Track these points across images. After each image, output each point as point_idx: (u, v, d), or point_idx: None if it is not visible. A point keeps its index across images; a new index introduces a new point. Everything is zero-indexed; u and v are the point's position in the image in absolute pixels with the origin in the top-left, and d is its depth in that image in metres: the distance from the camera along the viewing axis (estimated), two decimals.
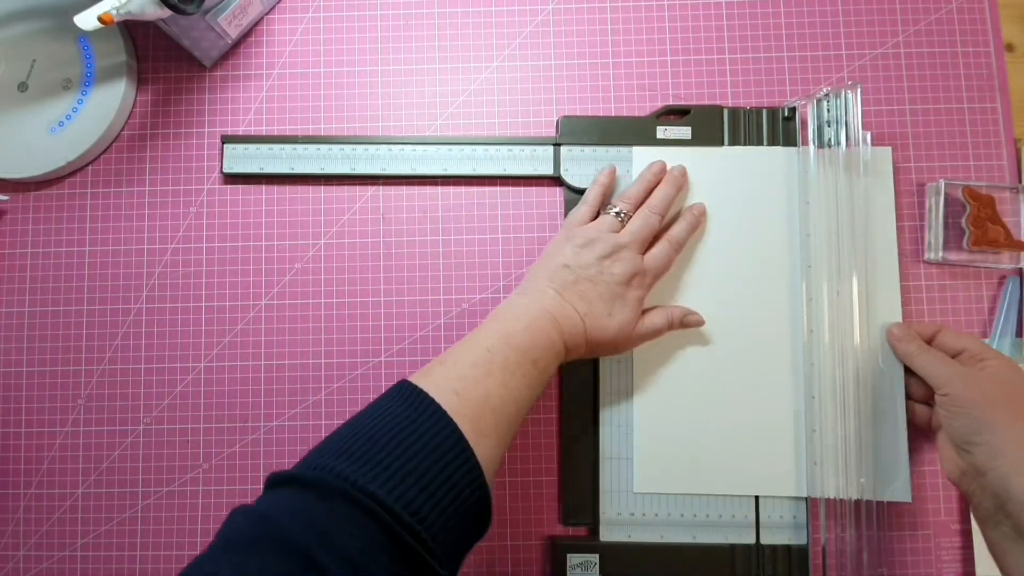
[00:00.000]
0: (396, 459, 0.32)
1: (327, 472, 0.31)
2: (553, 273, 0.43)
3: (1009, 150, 0.51)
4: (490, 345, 0.38)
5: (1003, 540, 0.38)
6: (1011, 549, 0.37)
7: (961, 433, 0.40)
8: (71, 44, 0.51)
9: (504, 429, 0.36)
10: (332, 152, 0.50)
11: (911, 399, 0.46)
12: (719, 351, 0.48)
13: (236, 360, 0.50)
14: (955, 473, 0.41)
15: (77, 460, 0.49)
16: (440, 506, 0.31)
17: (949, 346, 0.44)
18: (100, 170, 0.52)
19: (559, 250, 0.44)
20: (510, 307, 0.42)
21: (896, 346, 0.45)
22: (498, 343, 0.38)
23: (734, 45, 0.52)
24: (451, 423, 0.34)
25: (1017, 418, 0.39)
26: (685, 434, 0.47)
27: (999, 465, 0.38)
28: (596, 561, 0.46)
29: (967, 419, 0.40)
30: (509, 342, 0.39)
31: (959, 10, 0.52)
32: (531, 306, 0.41)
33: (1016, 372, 0.41)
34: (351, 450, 0.32)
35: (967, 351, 0.43)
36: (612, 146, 0.50)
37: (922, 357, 0.44)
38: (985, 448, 0.39)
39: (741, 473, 0.47)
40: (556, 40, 0.53)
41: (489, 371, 0.37)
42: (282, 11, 0.53)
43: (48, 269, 0.51)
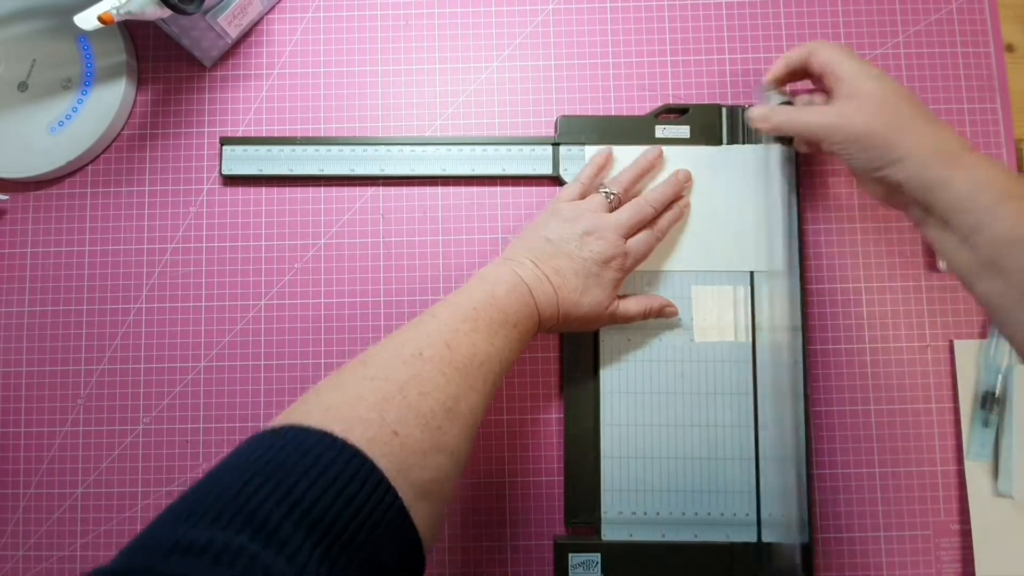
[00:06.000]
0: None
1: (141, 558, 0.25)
2: (534, 244, 0.44)
3: (1009, 150, 0.51)
4: (476, 304, 0.39)
5: (936, 233, 0.39)
6: (943, 239, 0.38)
7: (868, 167, 0.40)
8: (71, 44, 0.51)
9: (489, 386, 0.37)
10: (331, 153, 0.50)
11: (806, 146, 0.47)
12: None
13: (236, 360, 0.50)
14: (879, 196, 0.42)
15: (77, 460, 0.49)
16: None
17: (818, 69, 0.43)
18: (100, 170, 0.52)
19: (545, 223, 0.45)
20: (492, 272, 0.42)
21: (762, 126, 0.45)
22: (483, 304, 0.39)
23: (733, 45, 0.52)
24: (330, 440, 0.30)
25: (906, 125, 0.39)
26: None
27: (910, 172, 0.38)
28: (597, 560, 0.46)
29: (864, 153, 0.40)
30: (493, 304, 0.39)
31: (959, 11, 0.52)
32: (510, 274, 0.42)
33: (876, 83, 0.40)
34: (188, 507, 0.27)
35: (826, 72, 0.42)
36: (611, 145, 0.50)
37: (794, 122, 0.43)
38: (893, 167, 0.39)
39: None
40: (556, 40, 0.53)
41: (476, 327, 0.38)
42: (282, 11, 0.53)
43: (48, 269, 0.51)
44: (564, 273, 0.43)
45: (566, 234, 0.44)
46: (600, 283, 0.43)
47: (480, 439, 0.49)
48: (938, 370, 0.49)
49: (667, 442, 0.47)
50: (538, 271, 0.42)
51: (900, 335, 0.49)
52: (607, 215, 0.45)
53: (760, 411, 0.48)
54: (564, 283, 0.42)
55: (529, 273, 0.42)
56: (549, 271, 0.42)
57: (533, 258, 0.43)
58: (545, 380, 0.49)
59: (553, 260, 0.43)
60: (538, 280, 0.42)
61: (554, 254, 0.43)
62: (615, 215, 0.45)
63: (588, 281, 0.43)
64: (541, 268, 0.42)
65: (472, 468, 0.48)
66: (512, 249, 0.45)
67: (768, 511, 0.47)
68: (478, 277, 0.42)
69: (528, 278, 0.42)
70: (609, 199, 0.46)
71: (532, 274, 0.42)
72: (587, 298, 0.43)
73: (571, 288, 0.43)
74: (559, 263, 0.43)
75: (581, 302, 0.43)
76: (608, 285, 0.44)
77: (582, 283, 0.43)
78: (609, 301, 0.44)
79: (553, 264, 0.43)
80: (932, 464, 0.48)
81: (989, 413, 0.47)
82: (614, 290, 0.44)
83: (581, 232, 0.44)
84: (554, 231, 0.44)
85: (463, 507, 0.48)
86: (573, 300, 0.43)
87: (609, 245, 0.43)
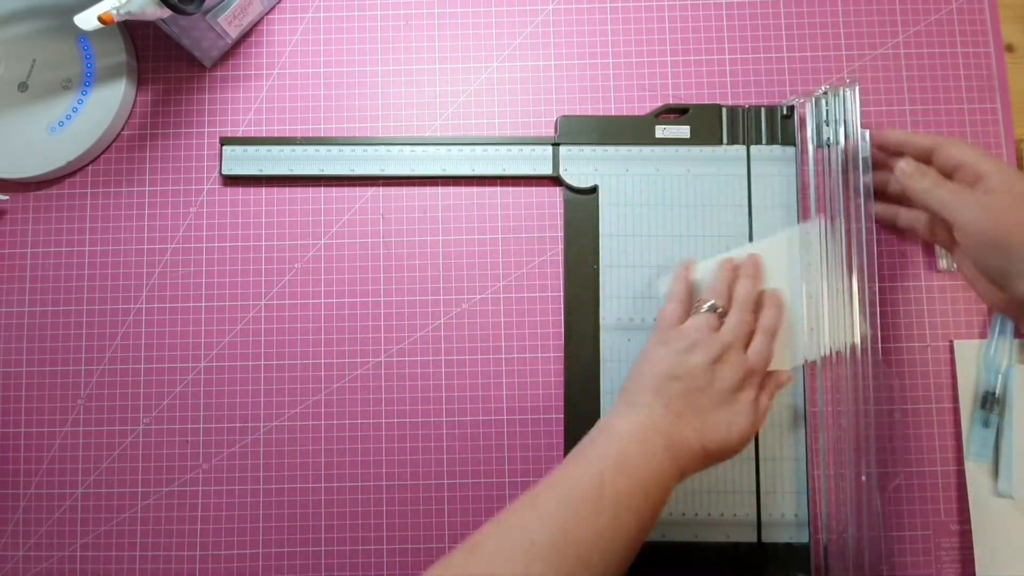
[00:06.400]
0: None
1: None
2: (659, 385, 0.39)
3: (1009, 150, 0.51)
4: (602, 470, 0.34)
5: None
6: None
7: (994, 268, 0.37)
8: (71, 44, 0.51)
9: (612, 574, 0.33)
10: (331, 153, 0.50)
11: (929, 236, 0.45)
12: None
13: (236, 360, 0.50)
14: (999, 304, 0.39)
15: (77, 460, 0.49)
16: None
17: (948, 161, 0.41)
18: (100, 170, 0.52)
19: (659, 357, 0.40)
20: (618, 423, 0.38)
21: (908, 183, 0.42)
22: (610, 470, 0.34)
23: (733, 45, 0.52)
24: None
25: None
26: None
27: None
28: None
29: (995, 256, 0.37)
30: (623, 469, 0.34)
31: (959, 11, 0.52)
32: (642, 426, 0.37)
33: (1020, 178, 0.38)
34: None
35: (963, 165, 0.40)
36: (611, 145, 0.50)
37: (937, 191, 0.40)
38: (1019, 277, 0.36)
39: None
40: (556, 40, 0.53)
41: (601, 506, 0.33)
42: (282, 11, 0.53)
43: (48, 269, 0.51)
44: (705, 411, 0.38)
45: (691, 366, 0.39)
46: (741, 411, 0.39)
47: (481, 446, 0.49)
48: (938, 370, 0.49)
49: None
50: (675, 416, 0.37)
51: (900, 335, 0.49)
52: (721, 336, 0.40)
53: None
54: (707, 424, 0.38)
55: (664, 420, 0.37)
56: (688, 414, 0.38)
57: (666, 401, 0.38)
58: (545, 380, 0.49)
59: (688, 399, 0.38)
60: (677, 427, 0.37)
61: (686, 392, 0.38)
62: (727, 330, 0.41)
63: (731, 413, 0.39)
64: (677, 411, 0.38)
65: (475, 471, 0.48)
66: (633, 392, 0.39)
67: (768, 511, 0.47)
68: (601, 429, 0.38)
69: (665, 427, 0.37)
70: (717, 312, 0.42)
71: (668, 421, 0.37)
72: (735, 433, 0.39)
73: (716, 426, 0.38)
74: (695, 401, 0.38)
75: (731, 439, 0.38)
76: (748, 410, 0.39)
77: (726, 417, 0.39)
78: (753, 426, 0.40)
79: (690, 404, 0.38)
80: (932, 464, 0.48)
81: (989, 413, 0.47)
82: (754, 410, 0.40)
83: (707, 361, 0.39)
84: (675, 365, 0.39)
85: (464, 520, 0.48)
86: (722, 439, 0.38)
87: (739, 368, 0.40)
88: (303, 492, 0.48)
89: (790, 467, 0.47)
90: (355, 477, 0.48)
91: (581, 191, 0.50)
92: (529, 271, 0.50)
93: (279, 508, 0.48)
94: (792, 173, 0.49)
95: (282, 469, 0.49)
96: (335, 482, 0.48)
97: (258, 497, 0.48)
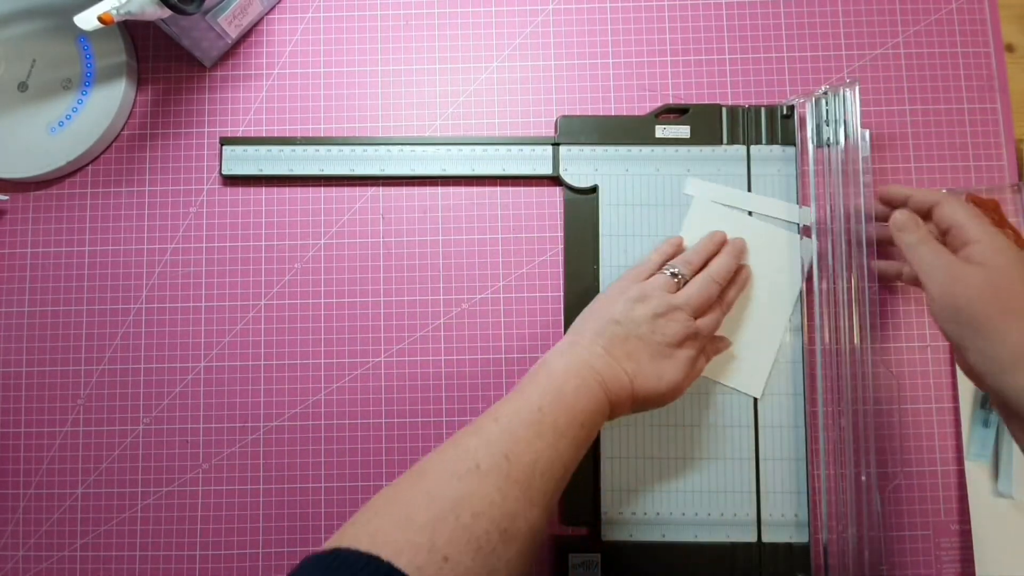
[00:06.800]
0: None
1: None
2: (602, 327, 0.41)
3: (1009, 150, 0.51)
4: (541, 404, 0.37)
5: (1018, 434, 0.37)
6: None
7: (953, 336, 0.38)
8: (71, 44, 0.51)
9: (551, 496, 0.35)
10: (331, 153, 0.50)
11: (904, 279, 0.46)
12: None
13: (236, 360, 0.50)
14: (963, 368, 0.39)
15: (77, 460, 0.49)
16: None
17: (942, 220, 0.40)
18: (100, 170, 0.52)
19: (610, 304, 0.43)
20: (559, 362, 0.40)
21: (896, 234, 0.42)
22: (549, 403, 0.37)
23: (733, 45, 0.52)
24: None
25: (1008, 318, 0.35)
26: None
27: (992, 369, 0.36)
28: (597, 560, 0.46)
29: (957, 324, 0.37)
30: (560, 401, 0.37)
31: (959, 10, 0.52)
32: (579, 365, 0.39)
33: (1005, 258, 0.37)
34: None
35: (954, 227, 0.39)
36: (611, 145, 0.50)
37: (920, 248, 0.40)
38: (975, 353, 0.36)
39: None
40: (556, 40, 0.53)
41: (539, 432, 0.36)
42: (282, 11, 0.53)
43: (48, 269, 0.51)
44: (639, 358, 0.41)
45: (635, 316, 0.41)
46: (676, 364, 0.41)
47: None
48: (938, 370, 0.49)
49: (667, 442, 0.47)
50: (610, 358, 0.40)
51: (900, 335, 0.49)
52: (675, 295, 0.43)
53: (760, 411, 0.48)
54: (640, 369, 0.40)
55: (602, 361, 0.40)
56: (622, 356, 0.40)
57: (604, 344, 0.41)
58: None
59: (625, 344, 0.41)
60: (611, 368, 0.40)
61: (626, 337, 0.41)
62: (684, 294, 0.43)
63: (664, 364, 0.41)
64: (613, 354, 0.40)
65: None
66: (578, 331, 0.42)
67: (768, 511, 0.47)
68: (542, 366, 0.40)
69: (600, 366, 0.39)
70: (676, 278, 0.44)
71: (604, 362, 0.40)
72: (664, 382, 0.41)
73: (647, 373, 0.41)
74: (632, 347, 0.41)
75: (659, 387, 0.41)
76: (684, 363, 0.42)
77: (658, 367, 0.41)
78: (686, 379, 0.42)
79: (626, 348, 0.41)
80: (932, 464, 0.48)
81: (989, 413, 0.47)
82: (690, 367, 0.42)
83: (651, 313, 0.41)
84: (622, 313, 0.42)
85: None
86: (651, 386, 0.41)
87: (680, 326, 0.42)
88: (303, 492, 0.48)
89: (790, 467, 0.47)
90: (355, 477, 0.48)
91: (581, 191, 0.50)
92: (529, 271, 0.50)
93: (279, 508, 0.48)
94: (792, 173, 0.49)
95: (282, 469, 0.49)
96: (335, 482, 0.48)
97: (258, 497, 0.48)
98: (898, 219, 0.42)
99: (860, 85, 0.48)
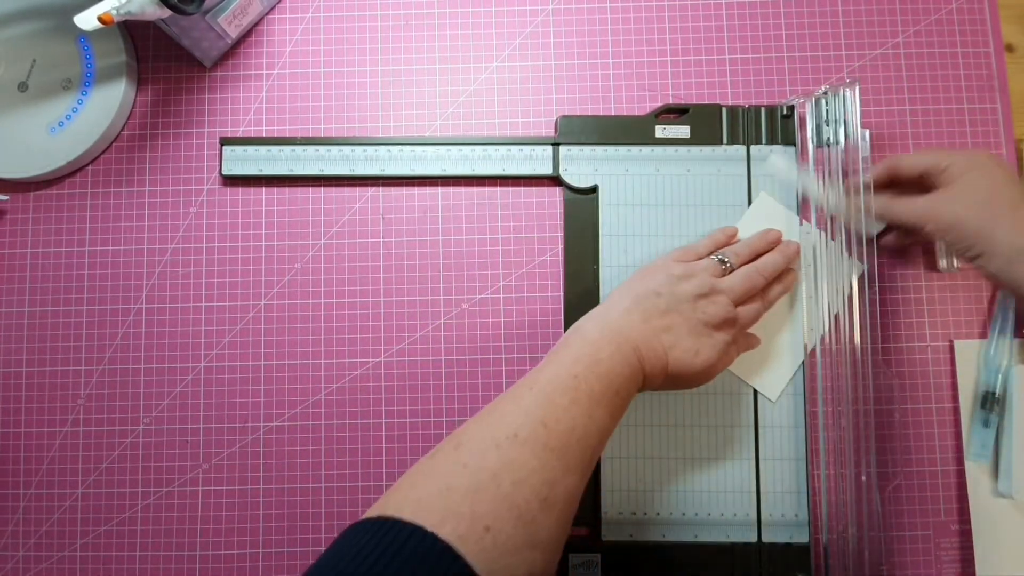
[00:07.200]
0: None
1: None
2: (642, 297, 0.41)
3: (1009, 150, 0.51)
4: (577, 372, 0.37)
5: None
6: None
7: (961, 251, 0.41)
8: (71, 44, 0.51)
9: (588, 462, 0.35)
10: (331, 153, 0.50)
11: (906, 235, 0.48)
12: None
13: (236, 360, 0.50)
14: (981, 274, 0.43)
15: (77, 460, 0.49)
16: None
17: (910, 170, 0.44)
18: (100, 170, 0.52)
19: (653, 275, 0.43)
20: (594, 329, 0.40)
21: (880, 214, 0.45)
22: (584, 370, 0.37)
23: (733, 45, 0.52)
24: None
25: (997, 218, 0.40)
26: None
27: (997, 266, 0.40)
28: (598, 561, 0.46)
29: (959, 240, 0.41)
30: (596, 370, 0.37)
31: (959, 10, 0.52)
32: (615, 332, 0.39)
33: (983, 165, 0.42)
34: None
35: (929, 169, 0.43)
36: (611, 145, 0.50)
37: (894, 208, 0.44)
38: (980, 259, 0.40)
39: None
40: (556, 40, 0.53)
41: (576, 399, 0.36)
42: (282, 11, 0.53)
43: (48, 269, 0.51)
44: (678, 332, 0.41)
45: (680, 291, 0.41)
46: (713, 345, 0.41)
47: None
48: (938, 370, 0.49)
49: (667, 442, 0.48)
50: (647, 327, 0.40)
51: (900, 335, 0.49)
52: (720, 279, 0.43)
53: (760, 411, 0.48)
54: (677, 342, 0.40)
55: (637, 331, 0.40)
56: (660, 327, 0.40)
57: (642, 313, 0.40)
58: None
59: (665, 317, 0.41)
60: (648, 339, 0.40)
61: (666, 310, 0.41)
62: (728, 280, 0.43)
63: (701, 342, 0.41)
64: (651, 324, 0.40)
65: None
66: (615, 300, 0.42)
67: (768, 511, 0.47)
68: (577, 334, 0.40)
69: (637, 336, 0.39)
70: (724, 265, 0.44)
71: (640, 331, 0.40)
72: (700, 360, 0.41)
73: (684, 348, 0.40)
74: (671, 320, 0.41)
75: (695, 364, 0.41)
76: (720, 346, 0.42)
77: (696, 343, 0.41)
78: (719, 362, 0.42)
79: (665, 321, 0.41)
80: (932, 464, 0.48)
81: (989, 413, 0.47)
82: (725, 352, 0.42)
83: (695, 292, 0.41)
84: (665, 285, 0.42)
85: None
86: (687, 361, 0.40)
87: (722, 309, 0.41)
88: (303, 492, 0.48)
89: (790, 467, 0.47)
90: (355, 477, 0.48)
91: (581, 191, 0.50)
92: (529, 271, 0.50)
93: (279, 508, 0.48)
94: (792, 173, 0.49)
95: (282, 469, 0.49)
96: (335, 482, 0.48)
97: (258, 497, 0.48)
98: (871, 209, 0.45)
99: (860, 85, 0.48)
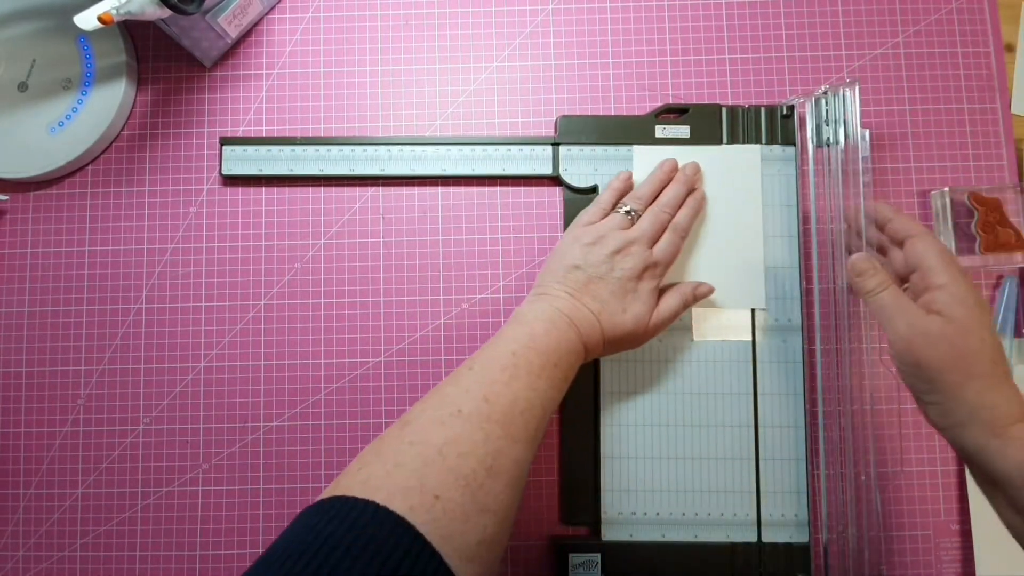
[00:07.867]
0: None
1: None
2: (564, 275, 0.43)
3: (1009, 150, 0.51)
4: (514, 349, 0.38)
5: (979, 483, 0.38)
6: (988, 492, 0.37)
7: (912, 386, 0.39)
8: (71, 44, 0.51)
9: (533, 432, 0.37)
10: (331, 153, 0.50)
11: None
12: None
13: (236, 360, 0.50)
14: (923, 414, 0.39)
15: (77, 460, 0.49)
16: None
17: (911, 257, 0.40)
18: (100, 170, 0.52)
19: (567, 250, 0.44)
20: (527, 310, 0.42)
21: (855, 280, 0.41)
22: (521, 347, 0.38)
23: (733, 45, 0.52)
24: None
25: (965, 378, 0.36)
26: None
27: (950, 424, 0.37)
28: (598, 560, 0.46)
29: (915, 378, 0.38)
30: (532, 346, 0.39)
31: (959, 10, 0.52)
32: (547, 310, 0.41)
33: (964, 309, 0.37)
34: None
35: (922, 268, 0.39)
36: (611, 145, 0.50)
37: (879, 297, 0.40)
38: (936, 408, 0.37)
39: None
40: (556, 40, 0.53)
41: (515, 375, 0.37)
42: (282, 11, 0.53)
43: (48, 269, 0.51)
44: (602, 297, 0.42)
45: (593, 258, 0.43)
46: (639, 297, 0.43)
47: None
48: None
49: (667, 442, 0.48)
50: (576, 301, 0.42)
51: None
52: (627, 232, 0.44)
53: (760, 411, 0.48)
54: (604, 307, 0.42)
55: (568, 305, 0.41)
56: (587, 298, 0.42)
57: (568, 289, 0.42)
58: None
59: (588, 287, 0.42)
60: (578, 310, 0.41)
61: (587, 280, 0.43)
62: (637, 228, 0.45)
63: (627, 299, 0.43)
64: (578, 297, 0.42)
65: None
66: (541, 284, 0.44)
67: (768, 511, 0.47)
68: (514, 318, 0.42)
69: (568, 310, 0.41)
70: (629, 215, 0.45)
71: (571, 305, 0.41)
72: (629, 316, 0.43)
73: (612, 310, 0.42)
74: (594, 288, 0.42)
75: (625, 321, 0.42)
76: (646, 296, 0.43)
77: (621, 303, 0.42)
78: (651, 311, 0.44)
79: (590, 291, 0.42)
80: (932, 464, 0.48)
81: None
82: (653, 298, 0.44)
83: (608, 253, 0.43)
84: (580, 257, 0.43)
85: None
86: (616, 322, 0.42)
87: (639, 259, 0.43)
88: (303, 492, 0.48)
89: (790, 467, 0.47)
90: None
91: (581, 191, 0.50)
92: (529, 271, 0.50)
93: (279, 508, 0.48)
94: (792, 173, 0.49)
95: (282, 469, 0.49)
96: None
97: (258, 497, 0.48)
98: (856, 264, 0.42)
99: (860, 85, 0.48)
